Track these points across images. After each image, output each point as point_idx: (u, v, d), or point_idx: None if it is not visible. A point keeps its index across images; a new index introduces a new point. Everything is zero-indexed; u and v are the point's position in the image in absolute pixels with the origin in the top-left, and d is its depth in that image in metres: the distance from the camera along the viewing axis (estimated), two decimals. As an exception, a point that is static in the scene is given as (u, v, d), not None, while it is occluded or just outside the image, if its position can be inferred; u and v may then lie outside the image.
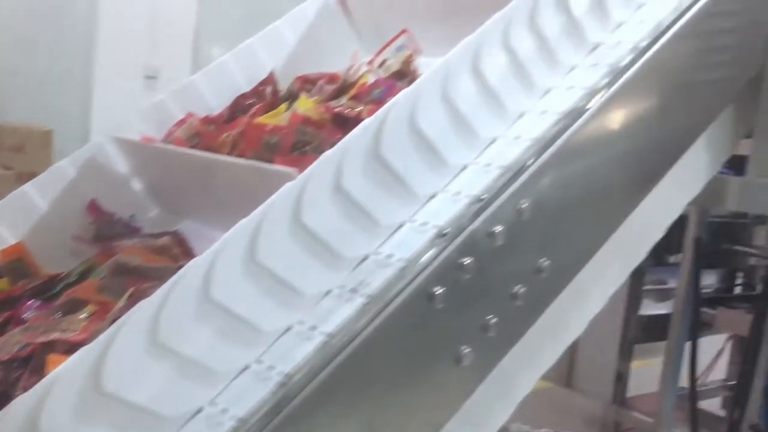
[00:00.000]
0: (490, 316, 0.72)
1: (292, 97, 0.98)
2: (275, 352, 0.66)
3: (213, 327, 0.63)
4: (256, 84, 1.05)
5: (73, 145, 1.06)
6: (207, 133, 0.94)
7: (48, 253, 0.93)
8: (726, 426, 1.99)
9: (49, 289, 0.85)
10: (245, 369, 0.65)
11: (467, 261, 0.69)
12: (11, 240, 0.93)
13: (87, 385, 0.56)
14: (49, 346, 0.69)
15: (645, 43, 0.86)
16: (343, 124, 0.82)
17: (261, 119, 0.89)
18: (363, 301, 0.67)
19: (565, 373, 2.82)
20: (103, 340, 0.57)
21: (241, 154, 0.84)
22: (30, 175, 0.98)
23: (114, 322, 0.59)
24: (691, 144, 0.97)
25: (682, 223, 2.13)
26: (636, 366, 2.70)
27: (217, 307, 0.62)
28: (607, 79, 0.83)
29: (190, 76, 1.07)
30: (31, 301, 0.81)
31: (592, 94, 0.81)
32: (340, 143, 0.69)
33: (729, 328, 2.35)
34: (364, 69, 0.97)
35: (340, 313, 0.67)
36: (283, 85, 1.04)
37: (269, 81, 1.03)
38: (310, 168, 0.67)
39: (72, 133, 3.60)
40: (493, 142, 0.81)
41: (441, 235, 0.70)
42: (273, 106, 0.96)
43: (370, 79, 0.95)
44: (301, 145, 0.81)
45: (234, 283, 0.63)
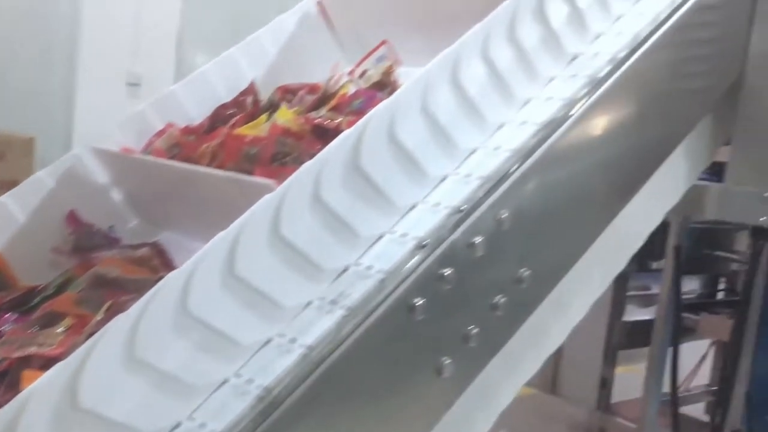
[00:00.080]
0: (470, 327, 0.72)
1: (272, 107, 0.98)
2: (254, 366, 0.66)
3: (191, 341, 0.62)
4: (237, 94, 1.04)
5: (56, 153, 1.05)
6: (187, 143, 0.94)
7: (26, 265, 0.92)
8: (708, 431, 2.00)
9: (26, 301, 0.84)
10: (224, 383, 0.65)
11: (447, 272, 0.70)
12: (-11, 252, 0.92)
13: (63, 401, 0.56)
14: (25, 361, 0.68)
15: (623, 54, 0.87)
16: (323, 135, 0.82)
17: (241, 130, 0.89)
18: (343, 312, 0.67)
19: (550, 379, 2.82)
20: (79, 355, 0.57)
21: (220, 165, 0.83)
22: (11, 184, 0.97)
23: (91, 336, 0.59)
24: (669, 153, 0.98)
25: (664, 229, 2.14)
26: (621, 372, 2.70)
27: (195, 321, 0.62)
28: (585, 90, 0.83)
29: (172, 85, 1.07)
30: (8, 314, 0.80)
31: (571, 105, 0.82)
32: (319, 155, 0.69)
33: (711, 334, 2.36)
34: (345, 79, 0.97)
35: (320, 325, 0.67)
36: (264, 95, 1.04)
37: (250, 91, 1.03)
38: (289, 179, 0.67)
39: (54, 141, 3.57)
40: (472, 152, 0.81)
41: (421, 246, 0.70)
42: (253, 116, 0.96)
43: (351, 89, 0.95)
44: (281, 156, 0.81)
45: (212, 296, 0.63)
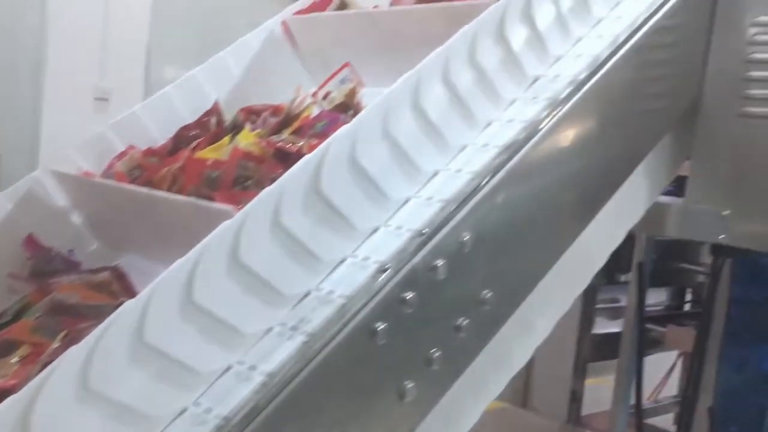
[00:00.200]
0: (433, 350, 0.72)
1: (236, 128, 0.97)
2: (213, 394, 0.65)
3: (148, 371, 0.61)
4: (200, 115, 1.04)
5: (22, 171, 1.03)
6: (149, 165, 0.93)
7: (-17, 291, 0.90)
8: (676, 443, 2.02)
9: (-18, 329, 0.82)
10: (183, 412, 0.64)
11: (409, 295, 0.69)
12: (-56, 277, 0.90)
13: (14, 436, 0.55)
14: (-22, 393, 0.67)
15: (583, 76, 0.88)
16: (285, 159, 0.82)
17: (203, 153, 0.88)
18: (304, 338, 0.67)
19: (521, 392, 2.83)
20: (31, 388, 0.55)
21: (181, 189, 0.83)
22: (-25, 205, 0.94)
23: (46, 365, 0.57)
24: (630, 172, 0.99)
25: (632, 242, 2.16)
26: (592, 383, 2.72)
27: (151, 350, 0.61)
28: (546, 112, 0.84)
29: (142, 101, 1.06)
30: (-37, 343, 0.78)
31: (533, 127, 0.83)
32: (279, 179, 0.69)
33: (678, 345, 2.39)
34: (309, 101, 0.97)
35: (281, 352, 0.67)
36: (228, 115, 1.04)
37: (213, 111, 1.03)
38: (248, 205, 0.67)
39: (20, 157, 3.51)
40: (434, 175, 0.81)
41: (382, 270, 0.70)
42: (217, 137, 0.95)
43: (314, 111, 0.95)
44: (242, 180, 0.81)
45: (170, 324, 0.62)
